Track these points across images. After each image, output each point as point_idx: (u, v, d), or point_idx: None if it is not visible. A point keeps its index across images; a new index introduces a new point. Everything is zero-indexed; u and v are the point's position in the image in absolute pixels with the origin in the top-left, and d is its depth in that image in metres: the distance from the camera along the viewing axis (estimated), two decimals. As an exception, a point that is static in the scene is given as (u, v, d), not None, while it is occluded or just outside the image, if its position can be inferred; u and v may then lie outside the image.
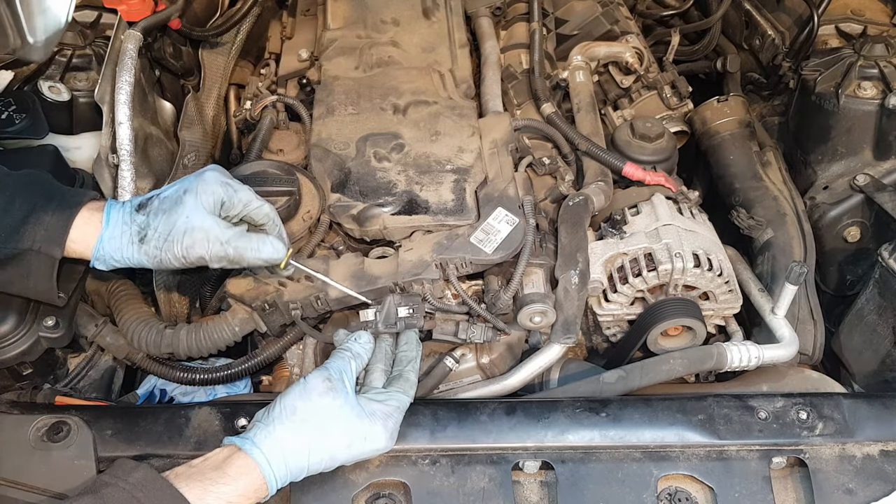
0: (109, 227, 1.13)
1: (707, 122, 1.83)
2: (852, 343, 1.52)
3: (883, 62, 1.67)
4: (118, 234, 1.13)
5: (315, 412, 1.05)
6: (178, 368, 1.42)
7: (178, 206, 1.13)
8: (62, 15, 0.63)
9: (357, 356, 1.15)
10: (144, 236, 1.13)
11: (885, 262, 1.38)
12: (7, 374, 1.33)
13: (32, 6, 0.61)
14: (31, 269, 1.11)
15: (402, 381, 1.16)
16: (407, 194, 1.45)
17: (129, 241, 1.13)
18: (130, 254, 1.13)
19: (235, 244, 1.14)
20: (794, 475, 1.17)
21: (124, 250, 1.13)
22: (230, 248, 1.14)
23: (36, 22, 0.62)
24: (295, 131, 1.72)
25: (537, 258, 1.37)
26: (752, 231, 1.63)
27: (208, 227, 1.13)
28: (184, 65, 1.83)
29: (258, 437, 1.02)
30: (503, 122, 1.60)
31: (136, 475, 0.95)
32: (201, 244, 1.12)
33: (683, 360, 1.34)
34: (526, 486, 1.17)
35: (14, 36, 0.62)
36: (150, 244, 1.12)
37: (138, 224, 1.14)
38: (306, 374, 1.11)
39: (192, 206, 1.13)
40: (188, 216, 1.12)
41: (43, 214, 1.10)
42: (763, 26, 2.16)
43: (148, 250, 1.12)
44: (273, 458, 1.01)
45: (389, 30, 1.88)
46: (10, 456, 1.11)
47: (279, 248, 1.19)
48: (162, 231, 1.12)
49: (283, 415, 1.04)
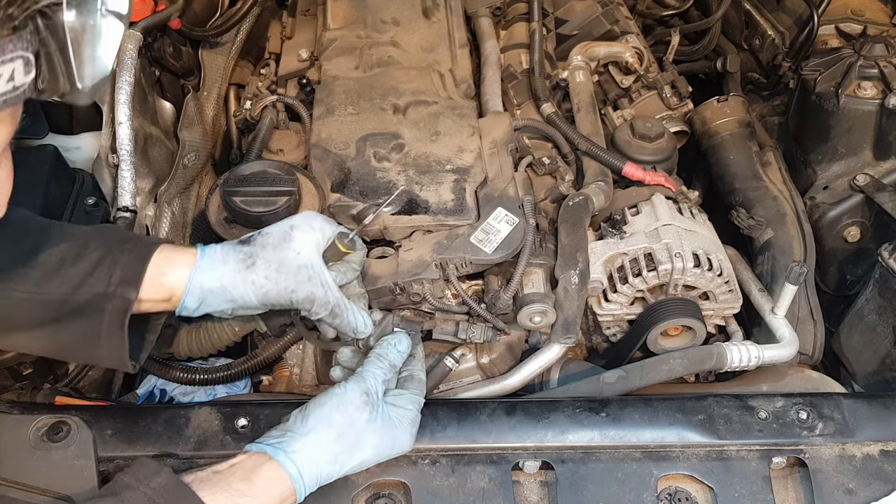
0: (206, 256, 1.07)
1: (707, 122, 1.83)
2: (852, 343, 1.52)
3: (883, 62, 1.67)
4: (219, 260, 1.07)
5: (352, 426, 1.03)
6: (178, 368, 1.41)
7: (288, 241, 1.09)
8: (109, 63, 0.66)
9: (393, 366, 1.13)
10: (254, 264, 1.06)
11: (885, 262, 1.38)
12: (7, 374, 1.34)
13: (84, 55, 0.63)
14: (103, 319, 1.01)
15: (415, 382, 1.15)
16: (407, 194, 1.45)
17: (235, 267, 1.06)
18: (234, 281, 1.05)
19: (339, 298, 1.11)
20: (794, 475, 1.17)
21: (226, 277, 1.05)
22: (332, 297, 1.09)
23: (85, 70, 0.64)
24: (295, 131, 1.72)
25: (537, 258, 1.37)
26: (752, 231, 1.62)
27: (317, 269, 1.09)
28: (184, 65, 1.83)
29: (291, 447, 0.99)
30: (503, 122, 1.60)
31: (158, 480, 0.92)
32: (312, 283, 1.08)
33: (683, 360, 1.34)
34: (526, 486, 1.17)
35: (65, 82, 0.64)
36: (259, 273, 1.05)
37: (244, 252, 1.08)
38: (343, 383, 1.07)
39: (301, 241, 1.09)
40: (299, 252, 1.08)
41: (119, 255, 1.03)
42: (763, 26, 2.16)
43: (256, 279, 1.05)
44: (306, 469, 0.98)
45: (389, 30, 1.88)
46: (10, 456, 1.11)
47: (368, 325, 1.16)
48: (273, 262, 1.07)
49: (320, 426, 1.01)
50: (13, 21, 0.56)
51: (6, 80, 0.58)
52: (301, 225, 1.13)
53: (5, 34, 0.56)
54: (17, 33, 0.57)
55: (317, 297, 1.09)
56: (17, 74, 0.59)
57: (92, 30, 0.63)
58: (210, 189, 1.49)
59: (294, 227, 1.12)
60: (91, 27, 0.63)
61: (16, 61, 0.58)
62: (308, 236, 1.11)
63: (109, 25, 0.65)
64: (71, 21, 0.61)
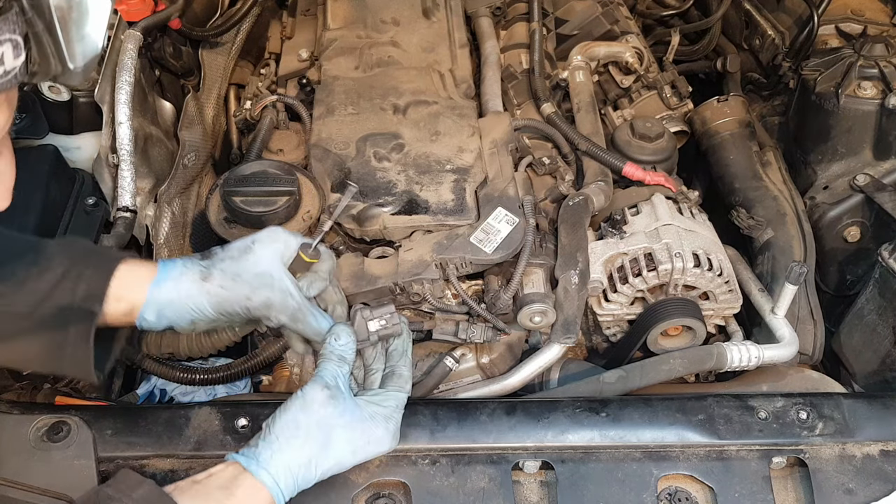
0: (166, 269, 1.08)
1: (707, 122, 1.83)
2: (852, 343, 1.52)
3: (883, 62, 1.67)
4: (177, 274, 1.07)
5: (318, 424, 1.02)
6: (178, 368, 1.41)
7: (247, 253, 1.10)
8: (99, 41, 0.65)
9: (342, 359, 1.10)
10: (209, 275, 1.07)
11: (885, 262, 1.38)
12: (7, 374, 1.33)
13: (72, 34, 0.63)
14: (68, 332, 1.01)
15: (395, 378, 1.13)
16: (407, 194, 1.45)
17: (191, 278, 1.07)
18: (189, 292, 1.06)
19: (301, 303, 1.10)
20: (794, 475, 1.17)
21: (182, 288, 1.06)
22: (294, 301, 1.09)
23: (75, 49, 0.63)
24: (295, 131, 1.72)
25: (537, 258, 1.37)
26: (752, 231, 1.62)
27: (276, 276, 1.09)
28: (184, 65, 1.83)
29: (263, 457, 0.99)
30: (503, 122, 1.60)
31: (140, 491, 0.92)
32: (269, 289, 1.07)
33: (683, 360, 1.34)
34: (526, 486, 1.17)
35: (56, 63, 0.63)
36: (215, 282, 1.06)
37: (201, 265, 1.09)
38: (302, 386, 1.07)
39: (261, 253, 1.09)
40: (257, 262, 1.09)
41: (83, 269, 1.03)
42: (763, 26, 2.16)
43: (211, 289, 1.06)
44: (281, 477, 0.98)
45: (389, 30, 1.88)
46: (10, 456, 1.10)
47: None
48: (229, 272, 1.07)
49: (286, 431, 1.01)
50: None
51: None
52: (263, 239, 1.12)
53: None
54: (3, 16, 0.56)
55: (274, 303, 1.08)
56: (7, 58, 0.58)
57: (78, 7, 0.63)
58: (210, 189, 1.49)
59: (256, 241, 1.12)
60: (77, 5, 0.63)
61: (4, 45, 0.57)
62: (268, 248, 1.11)
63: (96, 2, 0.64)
64: None
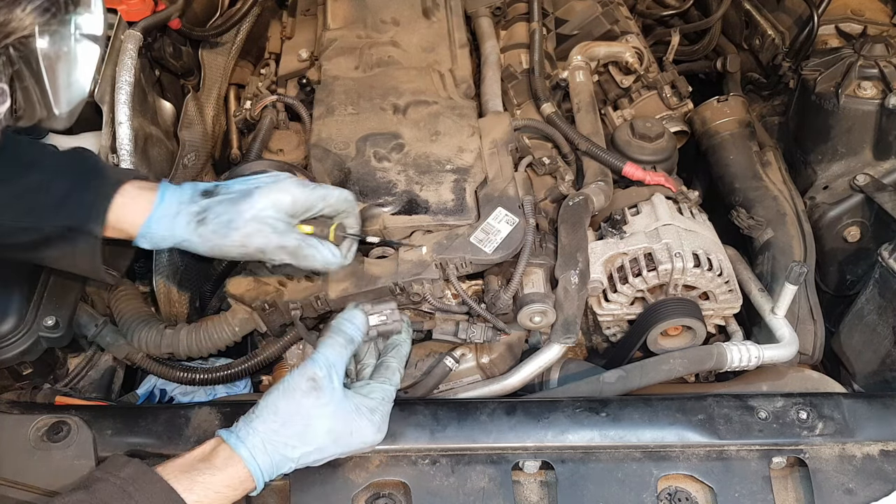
0: (164, 204, 1.11)
1: (707, 122, 1.83)
2: (852, 343, 1.52)
3: (883, 62, 1.67)
4: (173, 212, 1.10)
5: (297, 413, 1.03)
6: (178, 368, 1.42)
7: (247, 197, 1.11)
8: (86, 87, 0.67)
9: (351, 341, 1.11)
10: (204, 219, 1.10)
11: (885, 262, 1.38)
12: (7, 374, 1.34)
13: (59, 82, 0.64)
14: (75, 247, 1.08)
15: (383, 370, 1.14)
16: (407, 194, 1.45)
17: (186, 221, 1.10)
18: (184, 234, 1.09)
19: (301, 238, 1.12)
20: (794, 475, 1.17)
21: (177, 229, 1.10)
22: (291, 240, 1.11)
23: (61, 95, 0.65)
24: (295, 131, 1.72)
25: (537, 258, 1.37)
26: (752, 231, 1.63)
27: (274, 222, 1.10)
28: (184, 65, 1.83)
29: (242, 433, 1.02)
30: (503, 122, 1.60)
31: (127, 470, 0.97)
32: (263, 234, 1.09)
33: (683, 360, 1.34)
34: (526, 486, 1.17)
35: (41, 109, 0.65)
36: (209, 227, 1.09)
37: (199, 206, 1.11)
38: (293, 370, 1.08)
39: (262, 200, 1.11)
40: (253, 207, 1.10)
41: (84, 192, 1.08)
42: (763, 26, 2.16)
43: (204, 233, 1.09)
44: (257, 453, 1.01)
45: (389, 30, 1.88)
46: (10, 456, 1.11)
47: (337, 255, 1.17)
48: (225, 217, 1.10)
49: (265, 414, 1.03)
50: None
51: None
52: (266, 186, 1.13)
53: None
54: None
55: (268, 247, 1.10)
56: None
57: (66, 56, 0.64)
58: (210, 189, 1.49)
59: (258, 187, 1.13)
60: (65, 53, 0.63)
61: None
62: (269, 198, 1.11)
63: (84, 49, 0.65)
64: (44, 49, 0.61)
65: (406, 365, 1.18)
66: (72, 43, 0.64)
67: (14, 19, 0.56)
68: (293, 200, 1.13)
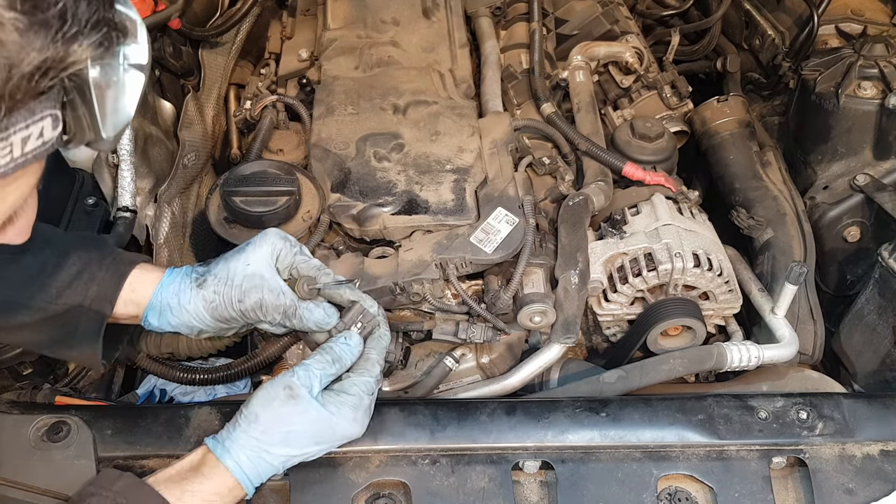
0: (172, 275, 1.15)
1: (707, 122, 1.83)
2: (852, 343, 1.52)
3: (883, 62, 1.67)
4: (177, 281, 1.14)
5: (276, 421, 1.04)
6: (178, 368, 1.42)
7: (239, 254, 1.15)
8: (131, 112, 0.71)
9: (338, 360, 1.11)
10: (204, 281, 1.13)
11: (885, 262, 1.38)
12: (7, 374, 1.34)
13: (107, 108, 0.67)
14: (77, 328, 1.10)
15: (363, 362, 1.14)
16: (407, 194, 1.45)
17: (188, 286, 1.13)
18: (188, 298, 1.13)
19: (294, 299, 1.14)
20: (794, 475, 1.17)
21: (182, 295, 1.13)
22: (286, 300, 1.13)
23: (109, 121, 0.68)
24: (295, 131, 1.72)
25: (537, 258, 1.37)
26: (752, 231, 1.62)
27: (267, 276, 1.13)
28: (184, 65, 1.83)
29: (227, 442, 1.04)
30: (503, 122, 1.60)
31: (119, 483, 0.99)
32: (259, 290, 1.12)
33: (683, 360, 1.34)
34: (526, 486, 1.17)
35: (90, 132, 0.68)
36: (209, 289, 1.13)
37: (198, 272, 1.15)
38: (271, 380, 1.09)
39: (252, 254, 1.14)
40: (248, 263, 1.14)
41: (97, 270, 1.10)
42: (763, 26, 2.16)
43: (206, 294, 1.12)
44: (242, 462, 1.02)
45: (389, 30, 1.88)
46: (10, 456, 1.11)
47: (331, 314, 1.16)
48: (221, 276, 1.13)
49: (246, 423, 1.04)
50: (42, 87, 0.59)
51: (36, 137, 0.61)
52: (255, 241, 1.17)
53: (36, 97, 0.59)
54: (47, 94, 0.60)
55: (266, 303, 1.12)
56: (46, 130, 0.62)
57: (115, 85, 0.67)
58: (210, 189, 1.49)
59: (249, 244, 1.17)
60: (115, 82, 0.67)
61: (45, 119, 0.61)
62: (259, 250, 1.15)
63: (132, 78, 0.69)
64: (96, 78, 0.64)
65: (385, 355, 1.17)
66: (120, 72, 0.67)
67: (71, 54, 0.60)
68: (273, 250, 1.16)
